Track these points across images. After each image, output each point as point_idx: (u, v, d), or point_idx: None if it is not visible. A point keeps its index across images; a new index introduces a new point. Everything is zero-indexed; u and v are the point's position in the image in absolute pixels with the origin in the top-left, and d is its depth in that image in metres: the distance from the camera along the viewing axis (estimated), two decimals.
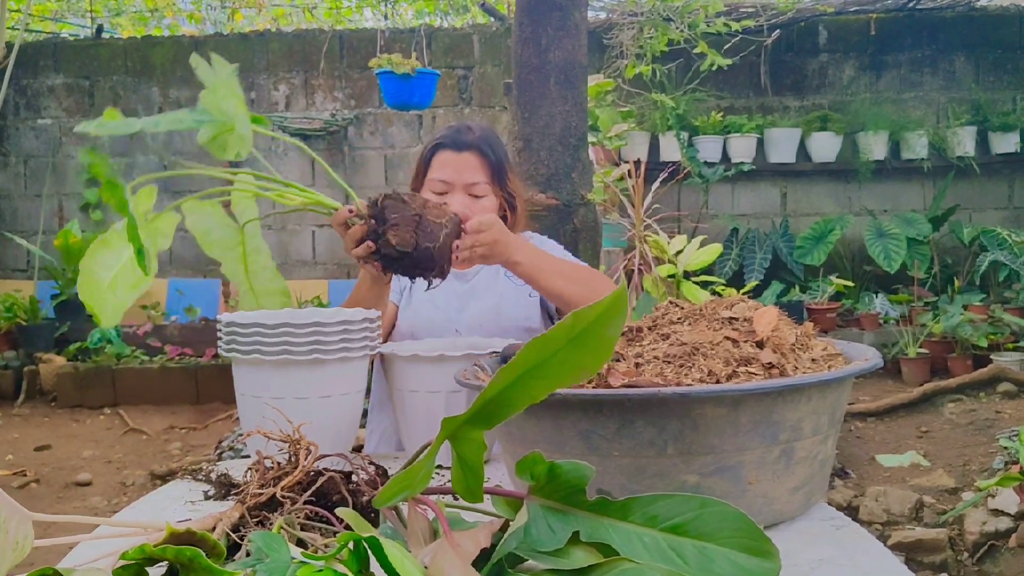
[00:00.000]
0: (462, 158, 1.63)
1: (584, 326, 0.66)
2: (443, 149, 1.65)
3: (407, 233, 1.24)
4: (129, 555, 0.68)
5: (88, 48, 6.02)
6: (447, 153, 1.65)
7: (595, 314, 0.66)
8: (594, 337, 0.66)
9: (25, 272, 6.02)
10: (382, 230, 1.25)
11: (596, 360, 0.67)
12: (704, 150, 5.51)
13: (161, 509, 1.11)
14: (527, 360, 0.67)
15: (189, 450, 4.17)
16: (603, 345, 0.67)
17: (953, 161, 5.58)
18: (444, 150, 1.65)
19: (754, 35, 5.38)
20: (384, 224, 1.25)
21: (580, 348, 0.67)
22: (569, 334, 0.66)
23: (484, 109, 5.86)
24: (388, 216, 1.25)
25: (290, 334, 1.22)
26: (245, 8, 6.94)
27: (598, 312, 0.66)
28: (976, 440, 3.63)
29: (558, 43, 2.84)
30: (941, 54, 5.79)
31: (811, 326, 1.06)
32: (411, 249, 1.24)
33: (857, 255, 5.70)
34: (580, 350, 0.67)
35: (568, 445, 0.92)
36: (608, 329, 0.66)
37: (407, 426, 1.38)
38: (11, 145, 6.03)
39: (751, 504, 0.92)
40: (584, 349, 0.67)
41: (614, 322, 0.66)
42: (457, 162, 1.63)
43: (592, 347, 0.67)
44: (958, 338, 4.79)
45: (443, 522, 0.74)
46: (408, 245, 1.24)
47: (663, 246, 3.30)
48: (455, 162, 1.63)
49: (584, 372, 0.68)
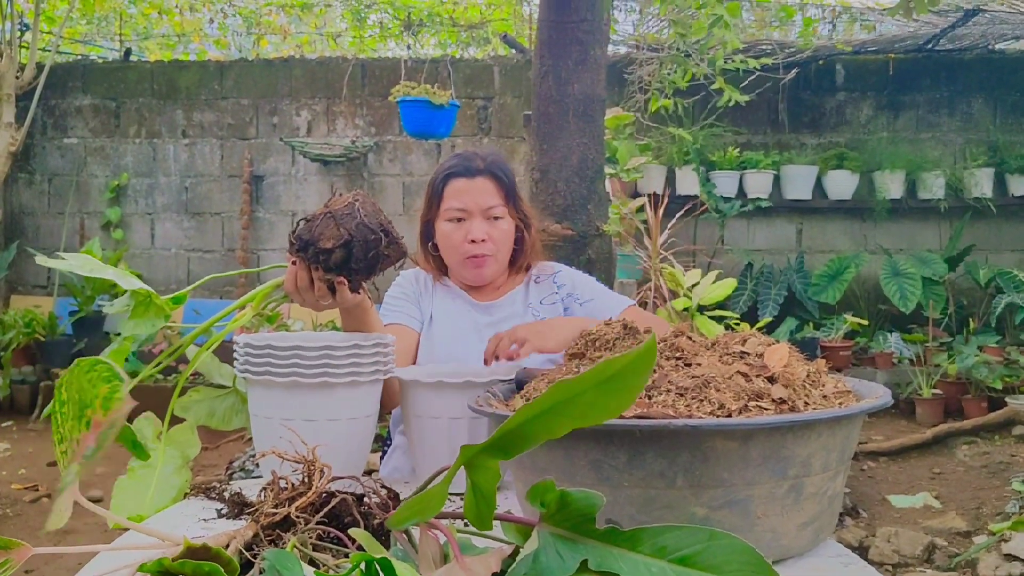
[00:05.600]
0: (476, 184, 1.66)
1: (613, 372, 0.67)
2: (455, 178, 1.67)
3: (331, 230, 1.22)
4: (147, 567, 0.69)
5: (116, 70, 6.13)
6: (460, 181, 1.66)
7: (625, 362, 0.67)
8: (621, 383, 0.67)
9: (45, 288, 6.09)
10: (313, 249, 1.23)
11: (620, 405, 0.69)
12: (721, 185, 5.53)
13: (175, 526, 1.12)
14: (553, 398, 0.68)
15: (200, 470, 4.18)
16: (629, 391, 0.68)
17: (970, 202, 5.57)
18: (456, 178, 1.67)
19: (772, 72, 5.42)
20: (311, 244, 1.23)
21: (606, 393, 0.68)
22: (597, 379, 0.67)
23: (503, 139, 5.91)
24: (307, 236, 1.24)
25: (300, 357, 1.23)
26: (270, 35, 7.06)
27: (628, 360, 0.67)
28: (990, 483, 3.59)
29: (578, 77, 2.88)
30: (959, 96, 5.81)
31: (823, 362, 1.07)
32: (348, 236, 1.22)
33: (872, 293, 5.68)
34: (606, 395, 0.68)
35: (579, 474, 0.93)
36: (636, 377, 0.68)
37: (415, 450, 1.39)
38: (37, 163, 6.13)
39: (759, 538, 0.92)
40: (610, 394, 0.68)
41: (643, 371, 0.67)
42: (471, 188, 1.65)
43: (618, 393, 0.68)
44: (973, 379, 4.75)
45: (454, 546, 0.75)
46: (341, 236, 1.22)
47: (678, 279, 3.31)
48: (469, 188, 1.65)
49: (607, 414, 0.69)
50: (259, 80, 6.03)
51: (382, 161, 5.99)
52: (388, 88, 5.17)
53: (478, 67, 5.98)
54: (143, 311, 1.21)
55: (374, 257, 1.24)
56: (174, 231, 6.06)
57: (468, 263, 1.68)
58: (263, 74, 6.03)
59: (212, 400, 1.42)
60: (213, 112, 6.04)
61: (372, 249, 1.23)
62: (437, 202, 1.69)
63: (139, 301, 1.21)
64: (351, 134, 5.98)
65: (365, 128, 5.99)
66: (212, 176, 6.05)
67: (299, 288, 1.27)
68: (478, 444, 0.73)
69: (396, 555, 0.81)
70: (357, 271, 1.25)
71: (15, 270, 6.06)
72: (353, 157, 5.87)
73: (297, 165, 6.01)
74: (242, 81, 6.03)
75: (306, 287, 1.27)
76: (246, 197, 5.94)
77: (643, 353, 0.67)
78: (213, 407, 1.41)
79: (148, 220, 6.08)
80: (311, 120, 6.02)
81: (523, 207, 1.72)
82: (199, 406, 1.39)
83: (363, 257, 1.23)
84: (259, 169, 6.02)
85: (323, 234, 1.22)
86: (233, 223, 5.99)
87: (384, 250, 1.24)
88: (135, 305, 1.21)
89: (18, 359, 5.39)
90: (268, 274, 1.38)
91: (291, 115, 6.02)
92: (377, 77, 5.96)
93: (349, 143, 5.86)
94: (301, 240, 1.24)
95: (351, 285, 1.27)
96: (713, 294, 3.24)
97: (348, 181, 5.96)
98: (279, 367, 1.24)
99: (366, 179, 5.95)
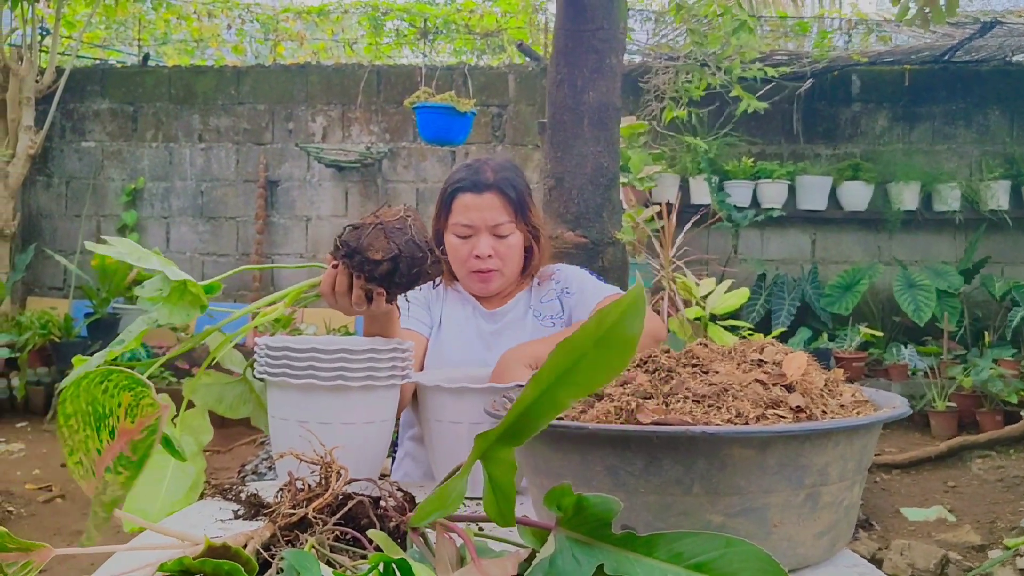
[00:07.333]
0: (483, 200, 1.63)
1: (609, 325, 0.67)
2: (463, 192, 1.64)
3: (381, 242, 1.22)
4: (168, 567, 0.70)
5: (134, 75, 6.19)
6: (467, 196, 1.63)
7: (618, 312, 0.67)
8: (618, 336, 0.67)
9: (61, 290, 6.14)
10: (360, 257, 1.23)
11: (621, 360, 0.68)
12: (734, 194, 5.52)
13: (191, 526, 1.13)
14: (557, 366, 0.69)
15: (212, 473, 4.19)
16: (627, 344, 0.68)
17: (986, 214, 5.54)
18: (464, 193, 1.64)
19: (787, 82, 5.41)
20: (358, 252, 1.23)
21: (606, 348, 0.68)
22: (595, 335, 0.67)
23: (517, 147, 5.92)
24: (355, 244, 1.23)
25: (316, 359, 1.24)
26: (287, 41, 7.11)
27: (620, 310, 0.67)
28: (1005, 497, 3.56)
29: (593, 85, 2.89)
30: (975, 107, 5.78)
31: (840, 372, 1.07)
32: (397, 251, 1.21)
33: (886, 305, 5.65)
34: (606, 350, 0.68)
35: (595, 480, 0.93)
36: (630, 327, 0.67)
37: (432, 455, 1.39)
38: (55, 166, 6.19)
39: (775, 547, 0.92)
40: (610, 349, 0.68)
41: (635, 319, 0.67)
42: (479, 205, 1.62)
43: (617, 346, 0.68)
44: (988, 393, 4.72)
45: (471, 549, 0.76)
46: (391, 249, 1.21)
47: (691, 288, 3.31)
48: (477, 205, 1.63)
49: (611, 373, 0.69)
50: (275, 86, 6.07)
51: (396, 168, 6.01)
52: (403, 95, 5.19)
53: (493, 75, 6.00)
54: (178, 298, 1.21)
55: (417, 274, 1.24)
56: (189, 235, 6.10)
57: (473, 277, 1.67)
58: (279, 80, 6.06)
59: (222, 386, 1.41)
60: (229, 117, 6.08)
61: (417, 266, 1.23)
62: (446, 214, 1.67)
63: (174, 288, 1.21)
64: (366, 140, 6.01)
65: (380, 134, 6.02)
66: (227, 181, 6.09)
67: (336, 291, 1.27)
68: (491, 432, 0.73)
69: (413, 557, 0.81)
70: (399, 285, 1.25)
71: (32, 272, 6.11)
72: (368, 163, 5.90)
73: (312, 171, 6.04)
74: (259, 87, 6.07)
75: (343, 292, 1.27)
76: (261, 202, 5.97)
77: (633, 300, 0.67)
78: (222, 393, 1.40)
79: (163, 224, 6.12)
80: (326, 126, 6.05)
81: (533, 219, 1.69)
82: (208, 390, 1.38)
83: (407, 272, 1.23)
84: (274, 174, 6.05)
85: (372, 245, 1.22)
86: (248, 227, 6.02)
87: (427, 268, 1.24)
88: (171, 292, 1.21)
89: (34, 360, 5.43)
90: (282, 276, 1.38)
91: (307, 121, 6.05)
92: (392, 84, 5.99)
93: (364, 149, 5.89)
94: (348, 247, 1.24)
95: (388, 297, 1.26)
96: (726, 304, 3.23)
97: (362, 187, 5.99)
98: (296, 369, 1.25)
99: (380, 185, 5.98)
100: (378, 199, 5.96)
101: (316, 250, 6.03)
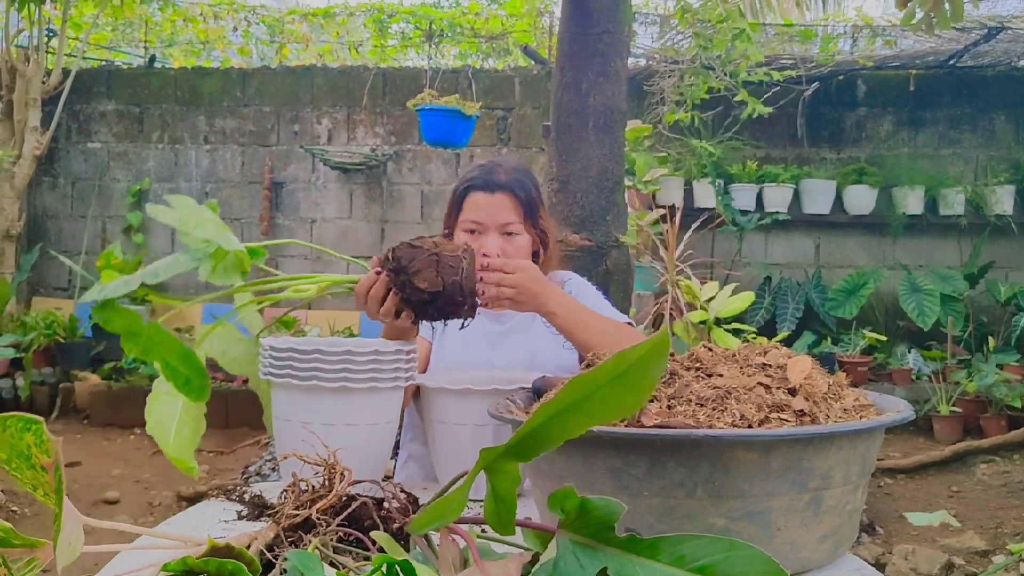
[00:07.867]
0: (494, 199, 1.64)
1: (627, 366, 0.67)
2: (475, 191, 1.66)
3: (431, 273, 1.24)
4: (171, 566, 0.70)
5: (140, 76, 6.21)
6: (479, 195, 1.65)
7: (639, 355, 0.67)
8: (636, 377, 0.67)
9: (66, 291, 6.15)
10: (405, 278, 1.25)
11: (637, 400, 0.68)
12: (739, 198, 5.52)
13: (195, 526, 1.13)
14: (568, 396, 0.69)
15: (216, 474, 4.20)
16: (645, 385, 0.68)
17: (991, 219, 5.53)
18: (476, 191, 1.66)
19: (792, 86, 5.41)
20: (405, 273, 1.25)
21: (622, 387, 0.68)
22: (612, 373, 0.67)
23: (522, 150, 5.93)
24: (406, 264, 1.25)
25: (320, 360, 1.24)
26: (293, 43, 7.12)
27: (642, 353, 0.67)
28: (1009, 503, 3.55)
29: (598, 88, 2.89)
30: (981, 112, 5.77)
31: (844, 376, 1.07)
32: (441, 287, 1.24)
33: (890, 309, 5.64)
34: (622, 389, 0.68)
35: (598, 483, 0.93)
36: (651, 370, 0.67)
37: (435, 456, 1.40)
38: (61, 167, 6.21)
39: (778, 551, 0.92)
40: (626, 388, 0.68)
41: (657, 363, 0.67)
42: (490, 203, 1.64)
43: (634, 387, 0.68)
44: (992, 398, 4.71)
45: (474, 551, 0.76)
46: (437, 284, 1.24)
47: (695, 292, 3.30)
48: (488, 203, 1.64)
49: (624, 411, 0.69)
50: (281, 88, 6.08)
51: (401, 170, 6.02)
52: (408, 97, 5.20)
53: (498, 78, 6.00)
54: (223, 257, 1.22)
55: (449, 314, 1.28)
56: None
57: None
58: (285, 82, 6.08)
59: (231, 341, 1.40)
60: (235, 119, 6.09)
61: (452, 308, 1.26)
62: (456, 212, 1.69)
63: (214, 254, 1.21)
64: (371, 142, 6.02)
65: (385, 137, 6.03)
66: (233, 182, 6.10)
67: (369, 295, 1.30)
68: (497, 447, 0.73)
69: (416, 559, 0.81)
70: (429, 316, 1.28)
71: (37, 272, 6.13)
72: (373, 165, 5.90)
73: (317, 172, 6.05)
74: (264, 89, 6.09)
75: (376, 299, 1.29)
76: (266, 204, 5.98)
77: (656, 345, 0.66)
78: (228, 347, 1.39)
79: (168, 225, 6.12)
80: (332, 128, 6.06)
81: (542, 223, 1.70)
82: (216, 340, 1.37)
83: (441, 309, 1.27)
84: (279, 176, 6.06)
85: (421, 272, 1.24)
86: (253, 229, 6.03)
87: (461, 312, 1.28)
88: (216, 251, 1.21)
89: (39, 360, 5.45)
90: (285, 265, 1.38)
91: (312, 123, 6.06)
92: (398, 86, 6.00)
93: (369, 151, 5.90)
94: (399, 263, 1.26)
95: (414, 320, 1.30)
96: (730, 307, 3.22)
97: (367, 189, 6.00)
98: (300, 370, 1.25)
99: (385, 187, 5.99)
100: (383, 201, 5.97)
101: (320, 252, 6.03)
